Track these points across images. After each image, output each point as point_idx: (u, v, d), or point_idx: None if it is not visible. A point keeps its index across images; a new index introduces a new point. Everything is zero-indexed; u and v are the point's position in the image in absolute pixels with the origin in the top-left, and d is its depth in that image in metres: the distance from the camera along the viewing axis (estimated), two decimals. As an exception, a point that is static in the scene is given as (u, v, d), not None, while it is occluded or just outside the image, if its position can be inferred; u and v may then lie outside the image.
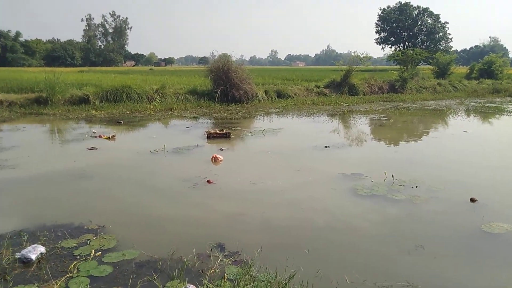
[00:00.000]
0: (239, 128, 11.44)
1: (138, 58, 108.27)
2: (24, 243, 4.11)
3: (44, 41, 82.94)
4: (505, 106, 18.38)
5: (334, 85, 21.33)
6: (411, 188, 6.01)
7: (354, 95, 20.75)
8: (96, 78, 23.54)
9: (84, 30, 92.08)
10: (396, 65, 36.70)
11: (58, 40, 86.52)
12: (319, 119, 13.48)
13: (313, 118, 13.66)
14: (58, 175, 6.60)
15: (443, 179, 6.51)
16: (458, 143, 9.60)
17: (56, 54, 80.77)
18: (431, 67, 31.03)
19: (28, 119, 12.87)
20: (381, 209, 5.25)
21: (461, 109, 17.16)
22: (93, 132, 10.40)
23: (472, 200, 5.44)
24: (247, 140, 9.87)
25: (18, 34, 74.34)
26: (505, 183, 6.33)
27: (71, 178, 6.44)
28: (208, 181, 6.16)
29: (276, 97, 18.85)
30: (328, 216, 4.94)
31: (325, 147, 8.79)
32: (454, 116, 14.76)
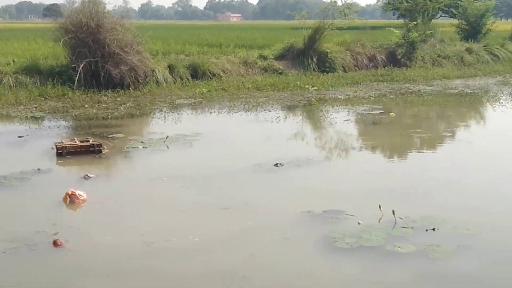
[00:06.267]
0: (120, 135, 11.28)
1: None
2: None
3: None
4: None
5: (293, 54, 21.66)
6: (425, 231, 6.24)
7: (328, 72, 21.29)
8: None
9: None
10: (398, 18, 38.60)
11: None
12: (268, 115, 13.66)
13: (256, 114, 13.80)
14: None
15: (478, 215, 6.78)
16: (503, 154, 10.20)
17: None
18: (454, 21, 32.93)
19: None
20: (377, 273, 5.35)
21: (505, 92, 18.46)
22: None
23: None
24: (136, 158, 9.70)
25: None
26: None
27: None
28: (56, 243, 5.90)
29: (190, 78, 18.75)
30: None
31: (276, 165, 8.89)
32: (495, 105, 15.81)
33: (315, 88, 18.27)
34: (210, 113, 14.09)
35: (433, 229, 6.27)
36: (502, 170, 8.97)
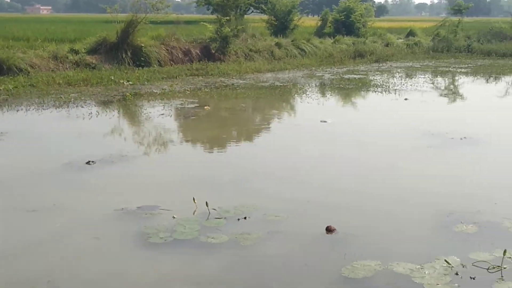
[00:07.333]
0: None
1: None
2: None
3: None
4: (371, 78, 21.91)
5: (106, 48, 21.25)
6: (237, 221, 6.48)
7: (143, 66, 21.17)
8: None
9: None
10: (212, 13, 39.34)
11: None
12: (80, 111, 13.27)
13: (68, 111, 13.36)
14: None
15: (286, 201, 7.17)
16: (310, 142, 10.88)
17: None
18: (265, 17, 34.38)
19: None
20: (190, 266, 5.44)
21: (311, 84, 19.66)
22: None
23: (329, 230, 6.20)
24: None
25: None
26: (373, 200, 7.42)
27: None
28: None
29: (-8, 74, 17.58)
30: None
31: (88, 163, 8.75)
32: (303, 96, 16.76)
33: (130, 82, 18.06)
34: (17, 111, 13.27)
35: (245, 218, 6.53)
36: (308, 158, 9.53)
